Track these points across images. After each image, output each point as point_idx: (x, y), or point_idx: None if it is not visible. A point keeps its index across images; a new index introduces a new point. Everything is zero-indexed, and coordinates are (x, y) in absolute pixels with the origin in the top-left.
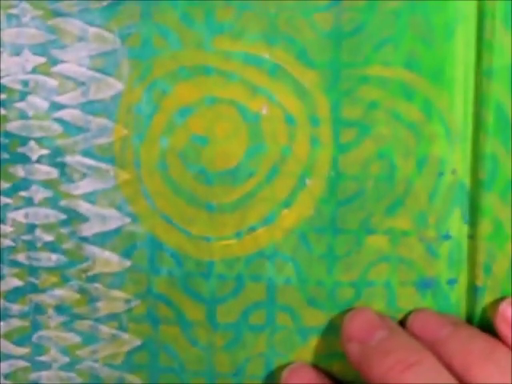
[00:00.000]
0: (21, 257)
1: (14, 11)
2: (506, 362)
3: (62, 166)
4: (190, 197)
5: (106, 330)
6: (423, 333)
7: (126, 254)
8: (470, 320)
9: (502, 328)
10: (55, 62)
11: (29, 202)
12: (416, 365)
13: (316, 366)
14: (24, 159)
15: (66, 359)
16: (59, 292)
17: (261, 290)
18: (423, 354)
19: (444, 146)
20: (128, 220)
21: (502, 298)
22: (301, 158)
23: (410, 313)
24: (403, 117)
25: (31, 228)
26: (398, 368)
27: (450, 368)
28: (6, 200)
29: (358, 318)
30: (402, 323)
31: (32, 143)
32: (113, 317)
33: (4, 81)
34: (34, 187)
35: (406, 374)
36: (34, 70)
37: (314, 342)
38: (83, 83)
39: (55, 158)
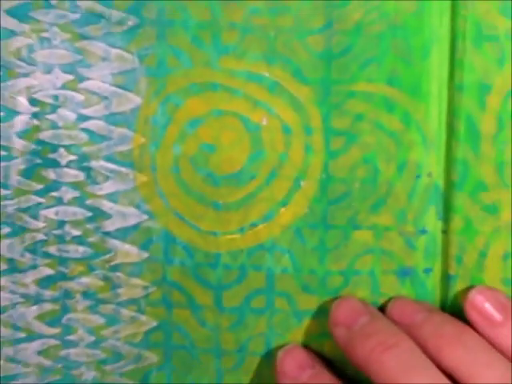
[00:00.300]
0: (52, 249)
1: (45, 35)
2: (473, 343)
3: (87, 170)
4: (199, 197)
5: (126, 312)
6: (401, 318)
7: (144, 247)
8: (443, 304)
9: (472, 314)
10: (82, 79)
11: (59, 201)
12: (394, 347)
13: (308, 346)
14: (55, 164)
15: (92, 338)
16: (85, 280)
17: (261, 278)
18: (401, 337)
19: (421, 151)
20: (145, 217)
21: (472, 286)
22: (296, 163)
23: (389, 299)
24: (385, 127)
25: (61, 224)
26: (378, 350)
27: (424, 350)
28: (39, 199)
29: (344, 305)
30: (383, 309)
31: (61, 150)
32: (132, 301)
33: (37, 95)
34: (63, 188)
35: (385, 354)
36: (64, 86)
37: (307, 323)
38: (106, 98)
39: (82, 162)
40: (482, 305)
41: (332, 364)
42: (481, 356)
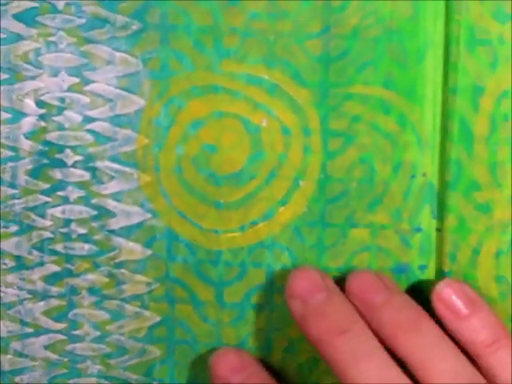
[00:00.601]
0: (58, 246)
1: (52, 39)
2: (429, 332)
3: (93, 170)
4: (201, 196)
5: (130, 308)
6: (359, 294)
7: (148, 244)
8: None
9: (438, 306)
10: (87, 81)
11: (65, 200)
12: (347, 331)
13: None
14: (61, 164)
15: (97, 333)
16: (91, 276)
17: (261, 274)
18: (355, 321)
19: (416, 152)
20: (149, 215)
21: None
22: (295, 164)
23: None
24: (382, 128)
25: (67, 222)
26: (331, 333)
27: (379, 334)
28: (45, 199)
29: (301, 276)
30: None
31: (68, 151)
32: (136, 297)
33: (44, 98)
34: (69, 188)
35: (337, 339)
36: (70, 89)
37: None
38: (111, 100)
39: (87, 163)
40: (449, 297)
41: None
42: (435, 347)
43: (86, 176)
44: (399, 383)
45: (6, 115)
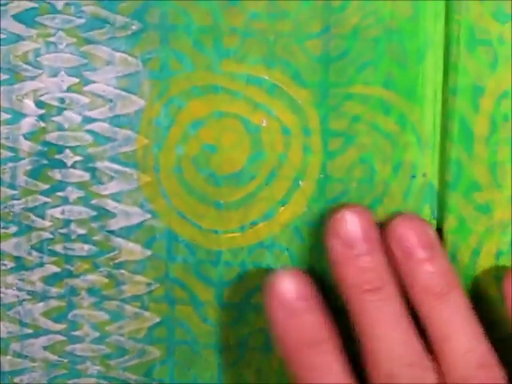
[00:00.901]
0: (58, 247)
1: (52, 39)
2: (456, 305)
3: (92, 171)
4: (201, 196)
5: (130, 309)
6: (403, 241)
7: (147, 245)
8: None
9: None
10: (87, 82)
11: (65, 200)
12: (377, 290)
13: None
14: (60, 164)
15: (97, 334)
16: (91, 277)
17: (261, 275)
18: (387, 281)
19: (416, 152)
20: (149, 216)
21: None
22: (295, 164)
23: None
24: (382, 128)
25: (67, 223)
26: (361, 287)
27: (408, 291)
28: (45, 199)
29: (354, 219)
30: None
31: (67, 151)
32: (136, 298)
33: (43, 98)
34: (69, 188)
35: (365, 295)
36: (69, 89)
37: None
38: (111, 100)
39: (87, 163)
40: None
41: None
42: (456, 321)
43: (86, 176)
44: (414, 357)
45: (5, 116)
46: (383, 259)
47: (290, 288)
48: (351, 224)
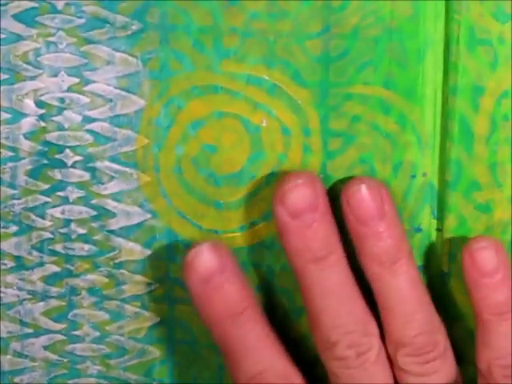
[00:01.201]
0: (58, 247)
1: (52, 39)
2: (404, 277)
3: (92, 170)
4: (201, 196)
5: (130, 308)
6: (356, 209)
7: (147, 245)
8: (437, 300)
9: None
10: (87, 82)
11: (65, 200)
12: (320, 260)
13: (305, 339)
14: (61, 164)
15: (97, 333)
16: (91, 277)
17: (261, 274)
18: (332, 250)
19: (416, 152)
20: (149, 216)
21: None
22: (295, 164)
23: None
24: (382, 128)
25: (67, 222)
26: (305, 256)
27: (358, 254)
28: (45, 199)
29: (299, 189)
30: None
31: (67, 151)
32: (136, 297)
33: (44, 98)
34: (69, 188)
35: (309, 264)
36: (69, 89)
37: (306, 319)
38: (111, 100)
39: (87, 163)
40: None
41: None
42: (401, 291)
43: (86, 176)
44: (356, 325)
45: (5, 115)
46: (329, 228)
47: (206, 262)
48: (297, 193)
